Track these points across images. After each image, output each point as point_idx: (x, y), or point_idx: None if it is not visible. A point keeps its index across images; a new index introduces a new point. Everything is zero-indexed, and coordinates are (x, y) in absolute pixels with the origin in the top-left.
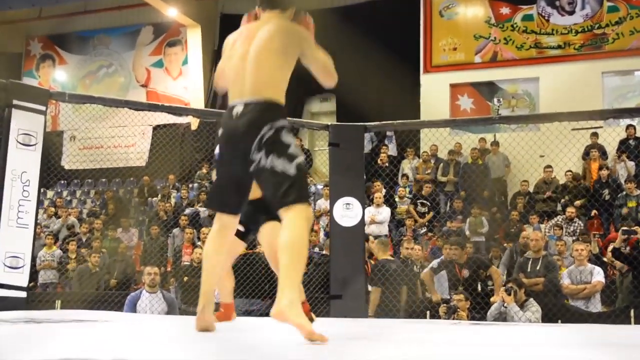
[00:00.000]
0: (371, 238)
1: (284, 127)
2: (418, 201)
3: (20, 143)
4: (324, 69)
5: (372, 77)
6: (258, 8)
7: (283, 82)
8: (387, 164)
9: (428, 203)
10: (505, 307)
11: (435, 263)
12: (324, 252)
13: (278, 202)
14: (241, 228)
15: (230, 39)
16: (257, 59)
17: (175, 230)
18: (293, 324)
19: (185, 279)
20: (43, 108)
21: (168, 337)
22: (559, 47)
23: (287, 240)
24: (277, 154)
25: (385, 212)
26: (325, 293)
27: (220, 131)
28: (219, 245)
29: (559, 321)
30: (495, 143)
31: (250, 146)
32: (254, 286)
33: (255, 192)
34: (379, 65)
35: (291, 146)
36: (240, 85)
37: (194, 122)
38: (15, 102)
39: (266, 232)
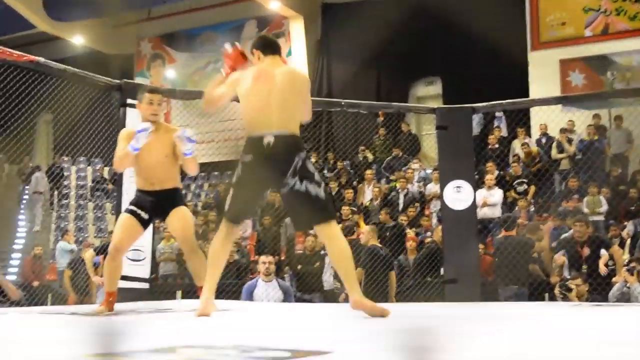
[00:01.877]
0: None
1: (307, 156)
2: (515, 182)
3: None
4: (309, 110)
5: (478, 57)
6: (257, 51)
7: (299, 118)
8: (497, 145)
9: (525, 181)
10: (628, 288)
11: (554, 242)
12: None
13: (315, 218)
14: (145, 216)
15: (239, 76)
16: (284, 97)
17: (287, 220)
18: (368, 307)
19: (299, 267)
20: None
21: (287, 324)
22: None
23: (342, 250)
24: (309, 180)
25: (497, 194)
26: (434, 277)
27: (248, 157)
28: (227, 247)
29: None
30: (619, 118)
31: (285, 172)
32: None
33: (164, 185)
34: (485, 44)
35: (316, 174)
36: (267, 118)
37: None
38: (129, 101)
39: (172, 220)
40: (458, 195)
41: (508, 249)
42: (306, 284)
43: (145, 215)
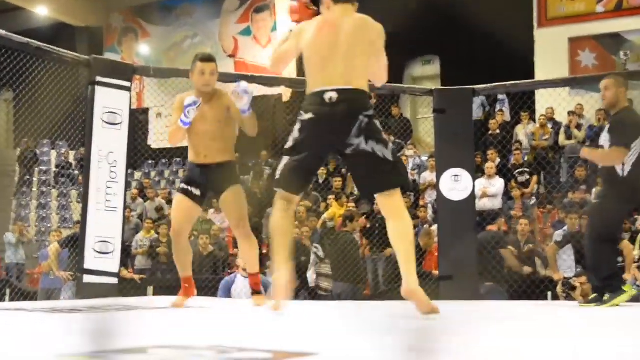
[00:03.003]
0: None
1: (374, 115)
2: (516, 171)
3: (105, 122)
4: (384, 68)
5: (480, 34)
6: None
7: (367, 74)
8: (498, 131)
9: (527, 170)
10: (639, 286)
11: (559, 236)
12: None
13: (382, 183)
14: (197, 192)
15: (303, 27)
16: (350, 49)
17: (270, 210)
18: (419, 300)
19: None
20: (128, 84)
21: (268, 322)
22: None
23: (405, 228)
24: (376, 140)
25: (498, 184)
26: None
27: (307, 115)
28: (290, 221)
29: None
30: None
31: (349, 131)
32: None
33: (217, 157)
34: (488, 21)
35: (382, 133)
36: (330, 72)
37: (285, 93)
38: (98, 79)
39: (228, 199)
40: (456, 184)
41: (483, 244)
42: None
43: (197, 192)
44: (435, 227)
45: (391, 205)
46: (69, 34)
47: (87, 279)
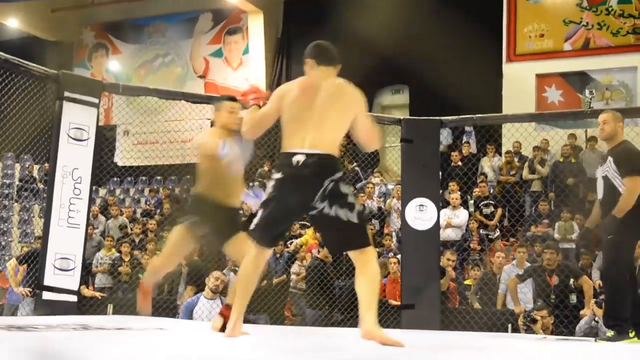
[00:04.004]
0: None
1: (341, 178)
2: (481, 203)
3: (71, 138)
4: (371, 132)
5: (450, 66)
6: (310, 60)
7: (340, 139)
8: (459, 163)
9: (492, 203)
10: (597, 322)
11: (521, 270)
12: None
13: (345, 245)
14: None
15: (285, 89)
16: (323, 114)
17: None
18: (379, 338)
19: None
20: (96, 100)
21: (227, 345)
22: None
23: (372, 275)
24: (339, 205)
25: (462, 215)
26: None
27: (277, 174)
28: (257, 268)
29: None
30: (593, 138)
31: (312, 195)
32: None
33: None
34: (457, 53)
35: (349, 196)
36: (302, 135)
37: None
38: (66, 94)
39: (236, 243)
40: (421, 214)
41: None
42: (251, 303)
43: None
44: (391, 258)
45: (359, 259)
46: (39, 48)
47: (47, 295)
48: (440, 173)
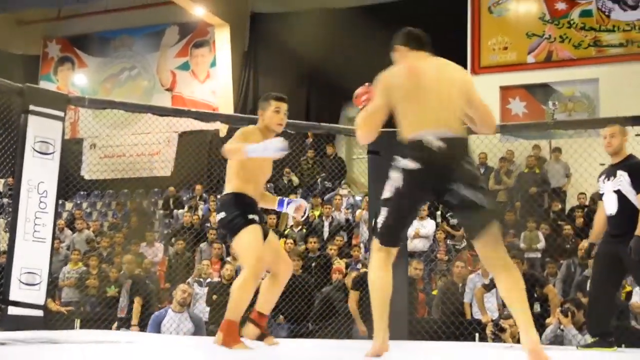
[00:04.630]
0: None
1: (472, 160)
2: (448, 214)
3: (37, 151)
4: (487, 111)
5: None
6: (402, 47)
7: (462, 117)
8: None
9: None
10: (562, 330)
11: (487, 280)
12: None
13: (477, 230)
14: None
15: (388, 78)
16: (449, 95)
17: (202, 245)
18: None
19: (215, 297)
20: (61, 114)
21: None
22: (621, 45)
23: (520, 283)
24: (480, 189)
25: (429, 226)
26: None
27: (412, 164)
28: (390, 274)
29: (623, 345)
30: (557, 149)
31: (450, 178)
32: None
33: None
34: None
35: (480, 179)
36: (425, 117)
37: (222, 129)
38: (31, 107)
39: (274, 237)
40: None
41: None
42: (221, 315)
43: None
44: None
45: (494, 255)
46: (4, 61)
47: (12, 310)
48: None
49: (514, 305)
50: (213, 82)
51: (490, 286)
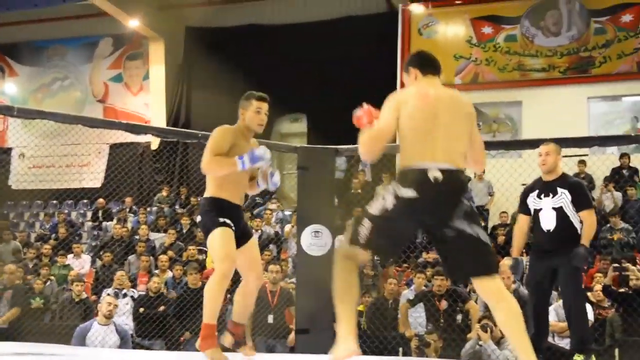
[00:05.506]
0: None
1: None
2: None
3: None
4: (482, 150)
5: (347, 96)
6: (415, 70)
7: (465, 152)
8: (360, 190)
9: None
10: (480, 345)
11: (411, 295)
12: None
13: (482, 268)
14: (236, 232)
15: (400, 98)
16: (450, 124)
17: (131, 257)
18: None
19: (141, 310)
20: None
21: None
22: (543, 69)
23: (514, 309)
24: (478, 225)
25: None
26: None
27: (408, 192)
28: (356, 275)
29: None
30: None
31: (450, 214)
32: None
33: (241, 201)
34: (355, 84)
35: (478, 216)
36: (431, 147)
37: (154, 141)
38: None
39: (255, 245)
40: (316, 240)
41: None
42: (146, 329)
43: (236, 231)
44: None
45: (492, 288)
46: None
47: None
48: (337, 200)
49: (513, 336)
50: (146, 94)
51: (414, 301)
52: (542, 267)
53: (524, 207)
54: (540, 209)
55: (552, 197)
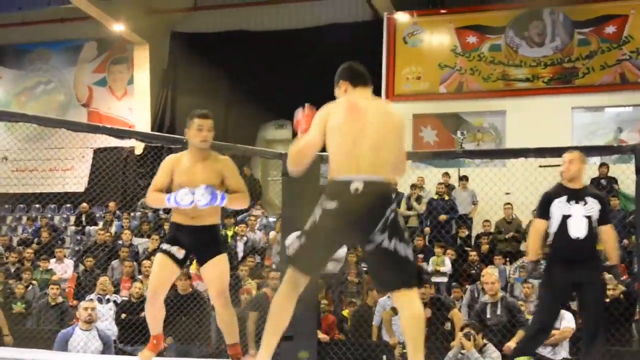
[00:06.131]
0: None
1: (398, 209)
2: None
3: None
4: (404, 162)
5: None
6: (345, 82)
7: (394, 164)
8: None
9: None
10: (463, 354)
11: (389, 302)
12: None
13: (399, 282)
14: (180, 255)
15: (327, 111)
16: (378, 136)
17: (114, 263)
18: None
19: (124, 315)
20: None
21: None
22: (527, 79)
23: (418, 317)
24: (399, 238)
25: (342, 249)
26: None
27: (331, 204)
28: (293, 299)
29: None
30: (465, 178)
31: (372, 226)
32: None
33: (205, 220)
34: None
35: (405, 229)
36: (356, 160)
37: (138, 146)
38: None
39: (214, 267)
40: None
41: None
42: (129, 334)
43: (180, 255)
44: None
45: (405, 299)
46: None
47: None
48: None
49: (412, 346)
50: (130, 99)
51: (397, 309)
52: (565, 278)
53: (543, 212)
54: (569, 216)
55: (584, 205)
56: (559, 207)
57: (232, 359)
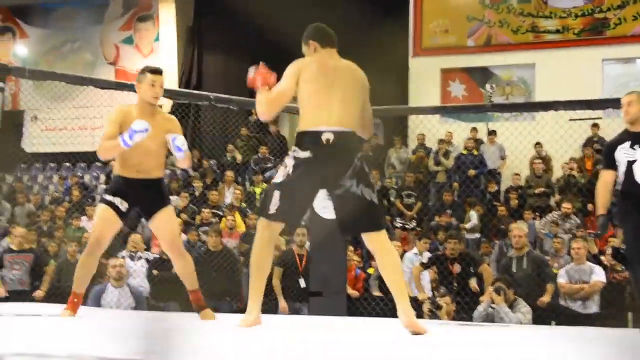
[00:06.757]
0: None
1: (364, 157)
2: (403, 192)
3: None
4: (370, 121)
5: (356, 60)
6: (313, 42)
7: (360, 118)
8: (371, 153)
9: (414, 194)
10: (493, 308)
11: (414, 257)
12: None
13: (367, 225)
14: (123, 208)
15: (300, 65)
16: (346, 90)
17: (143, 220)
18: (420, 330)
19: (155, 272)
20: (1, 85)
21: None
22: (557, 31)
23: (394, 262)
24: (365, 184)
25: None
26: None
27: (304, 153)
28: (271, 251)
29: (553, 323)
30: (493, 132)
31: (342, 173)
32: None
33: (149, 173)
34: (364, 47)
35: (371, 176)
36: (326, 113)
37: (165, 104)
38: None
39: (161, 219)
40: (329, 202)
41: None
42: (161, 290)
43: (123, 206)
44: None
45: (376, 243)
46: None
47: None
48: None
49: (393, 286)
50: (157, 56)
51: (427, 264)
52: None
53: (609, 162)
54: (635, 161)
55: (625, 150)
56: (624, 153)
57: (194, 303)
